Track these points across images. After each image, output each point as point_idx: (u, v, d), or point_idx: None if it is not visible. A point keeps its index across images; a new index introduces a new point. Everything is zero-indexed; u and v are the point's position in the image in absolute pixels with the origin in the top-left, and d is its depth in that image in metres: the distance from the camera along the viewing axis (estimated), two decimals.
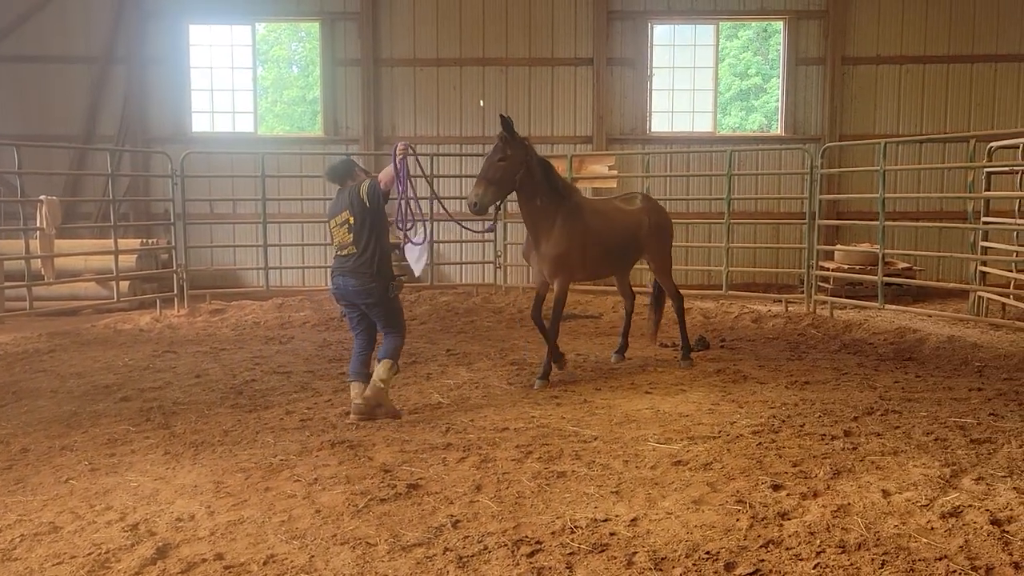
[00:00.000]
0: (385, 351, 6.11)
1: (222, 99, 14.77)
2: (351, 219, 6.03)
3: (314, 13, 14.37)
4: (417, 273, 6.99)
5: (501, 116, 6.86)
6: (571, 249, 7.14)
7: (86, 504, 4.39)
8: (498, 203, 7.17)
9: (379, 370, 6.04)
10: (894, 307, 10.41)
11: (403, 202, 6.11)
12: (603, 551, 3.75)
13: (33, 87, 14.32)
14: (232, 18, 14.44)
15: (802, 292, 11.18)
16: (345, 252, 6.07)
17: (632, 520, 4.06)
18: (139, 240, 12.78)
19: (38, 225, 10.23)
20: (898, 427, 5.60)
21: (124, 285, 11.49)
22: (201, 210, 13.62)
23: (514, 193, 7.01)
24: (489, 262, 12.98)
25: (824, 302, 10.77)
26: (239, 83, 14.72)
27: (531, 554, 3.73)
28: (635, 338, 9.41)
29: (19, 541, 3.94)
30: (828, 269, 11.95)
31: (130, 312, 11.20)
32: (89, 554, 3.79)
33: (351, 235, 6.02)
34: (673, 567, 3.59)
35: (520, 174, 6.86)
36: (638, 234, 7.80)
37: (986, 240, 10.49)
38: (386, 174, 6.08)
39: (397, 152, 6.07)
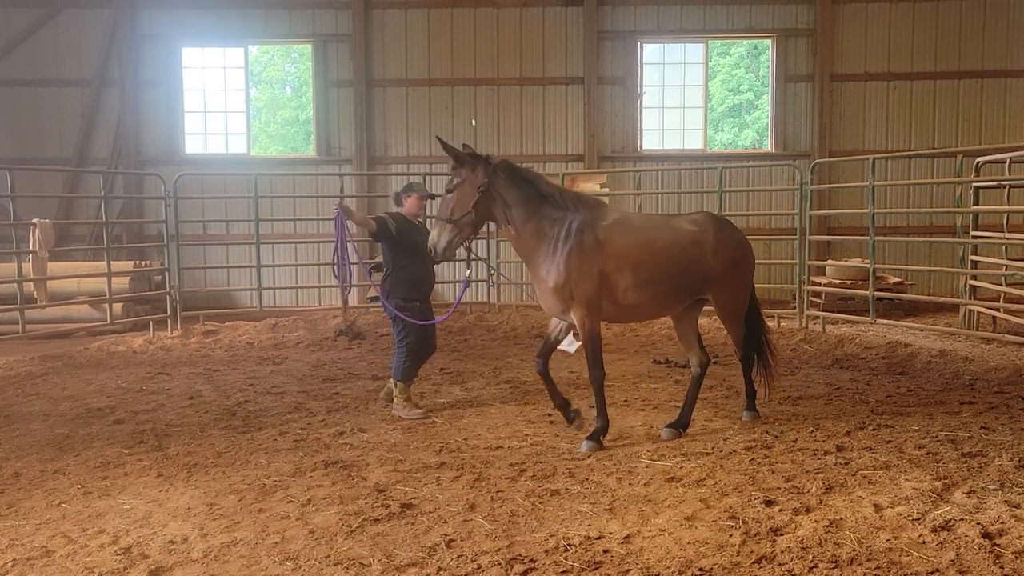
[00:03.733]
0: (393, 371, 6.78)
1: (215, 121, 14.83)
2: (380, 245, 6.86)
3: (306, 35, 14.47)
4: (571, 350, 7.31)
5: (438, 139, 5.87)
6: (578, 277, 5.56)
7: (79, 528, 4.38)
8: (467, 241, 5.86)
9: (394, 392, 6.75)
10: (886, 321, 10.46)
11: (338, 255, 6.76)
12: (597, 569, 3.75)
13: (26, 110, 14.38)
14: (225, 41, 14.54)
15: (794, 307, 11.22)
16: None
17: (625, 537, 4.07)
18: (132, 262, 12.77)
19: (31, 248, 10.24)
20: (890, 441, 5.62)
21: (117, 307, 11.48)
22: (194, 231, 13.65)
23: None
24: (483, 280, 13.01)
25: (816, 317, 10.81)
26: (232, 104, 14.79)
27: (525, 572, 3.73)
28: (629, 355, 9.43)
29: (11, 566, 3.92)
30: (820, 284, 12.01)
31: (123, 334, 11.17)
32: None
33: (380, 258, 6.95)
34: None
35: (477, 200, 5.60)
36: (698, 261, 5.87)
37: (975, 254, 10.56)
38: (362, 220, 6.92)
39: (332, 212, 6.77)
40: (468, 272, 6.76)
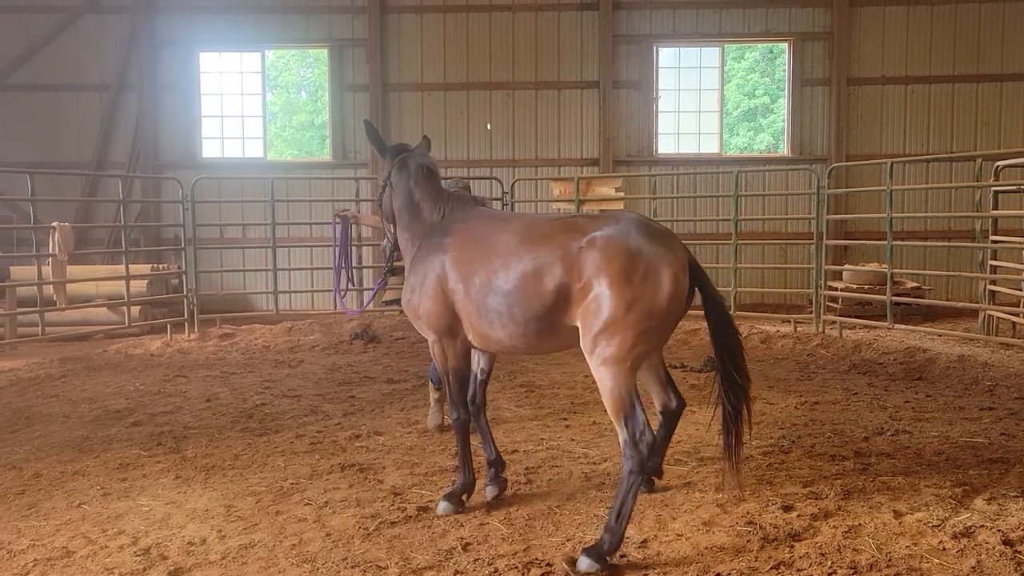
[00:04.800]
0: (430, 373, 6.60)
1: (232, 125, 14.94)
2: None
3: (323, 40, 14.55)
4: None
5: (365, 121, 5.10)
6: (422, 296, 4.47)
7: (98, 529, 4.42)
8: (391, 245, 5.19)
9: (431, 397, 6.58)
10: (903, 327, 10.38)
11: (339, 266, 6.47)
12: (613, 573, 3.74)
13: (46, 115, 14.53)
14: (242, 45, 14.64)
15: (811, 312, 11.16)
16: None
17: (642, 542, 4.06)
18: (150, 265, 12.87)
19: (50, 251, 10.33)
20: (909, 447, 5.58)
21: (135, 310, 11.56)
22: (211, 235, 13.75)
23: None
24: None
25: (833, 322, 10.74)
26: (249, 109, 14.90)
27: None
28: None
29: (32, 566, 3.96)
30: (837, 289, 11.94)
31: (141, 337, 11.25)
32: None
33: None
34: None
35: (380, 196, 4.95)
36: (549, 280, 4.05)
37: (995, 259, 10.47)
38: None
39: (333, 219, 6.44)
40: (385, 270, 5.59)
